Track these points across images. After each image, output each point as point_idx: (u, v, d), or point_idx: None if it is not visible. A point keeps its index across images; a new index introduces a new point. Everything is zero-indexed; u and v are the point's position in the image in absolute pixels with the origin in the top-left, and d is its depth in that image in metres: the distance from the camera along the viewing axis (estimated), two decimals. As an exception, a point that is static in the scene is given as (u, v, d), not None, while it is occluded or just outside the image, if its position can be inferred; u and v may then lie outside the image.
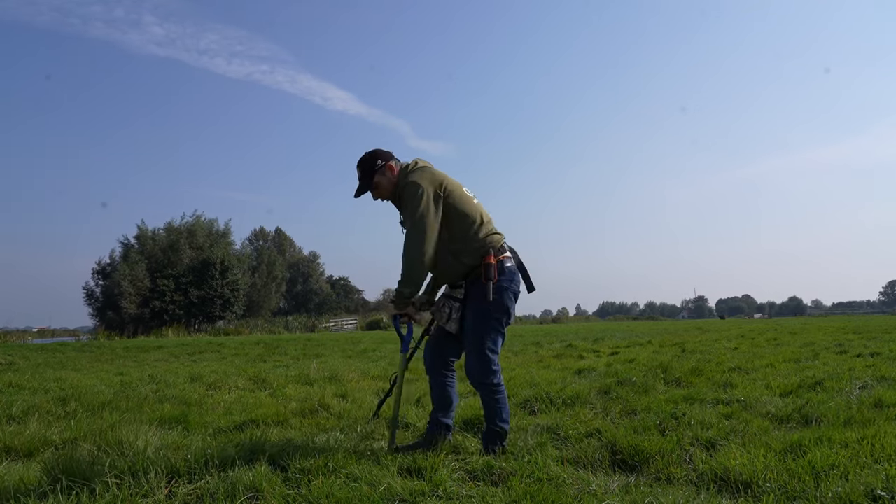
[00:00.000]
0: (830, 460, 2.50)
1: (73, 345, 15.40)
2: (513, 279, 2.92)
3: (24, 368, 8.11)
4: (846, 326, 15.48)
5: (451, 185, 2.93)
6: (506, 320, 2.90)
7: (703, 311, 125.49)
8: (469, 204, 2.93)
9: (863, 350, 7.58)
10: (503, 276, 2.87)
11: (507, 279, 2.89)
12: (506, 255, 2.93)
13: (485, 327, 2.86)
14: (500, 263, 2.88)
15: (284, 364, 8.38)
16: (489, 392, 2.87)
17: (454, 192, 2.91)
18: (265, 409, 4.19)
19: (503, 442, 2.88)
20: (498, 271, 2.85)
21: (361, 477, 2.43)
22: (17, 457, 3.08)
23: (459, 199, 2.91)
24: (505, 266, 2.89)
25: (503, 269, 2.88)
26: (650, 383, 4.82)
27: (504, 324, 2.90)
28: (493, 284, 2.81)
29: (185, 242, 35.04)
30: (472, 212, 2.91)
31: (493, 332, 2.87)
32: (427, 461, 2.62)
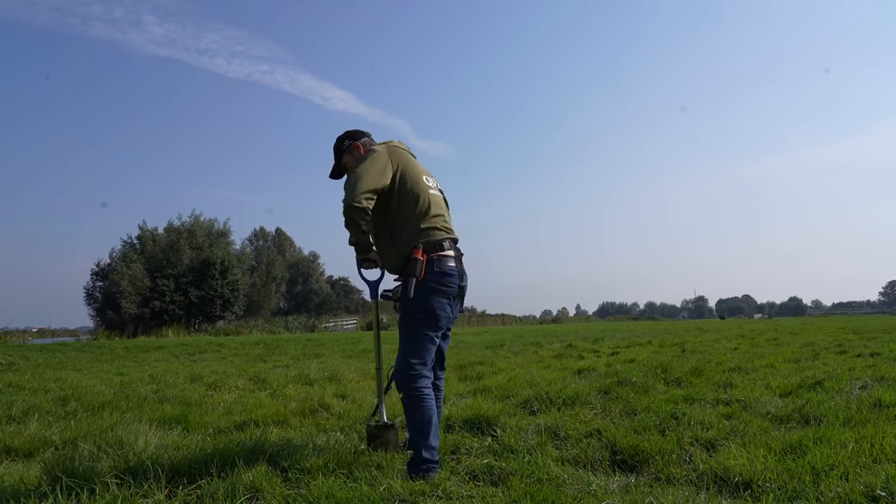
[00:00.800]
0: (830, 460, 2.50)
1: (73, 345, 15.40)
2: (443, 281, 2.66)
3: (24, 368, 8.11)
4: (846, 326, 15.48)
5: (410, 165, 2.79)
6: (430, 323, 2.65)
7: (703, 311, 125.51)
8: (419, 188, 2.74)
9: (863, 350, 7.58)
10: (431, 275, 2.64)
11: (437, 279, 2.65)
12: (445, 253, 2.69)
13: (404, 327, 2.68)
14: (432, 261, 2.65)
15: (284, 364, 8.38)
16: (404, 398, 2.62)
17: (409, 172, 2.75)
18: (265, 409, 4.19)
19: (428, 473, 2.48)
20: (427, 269, 2.64)
21: (361, 477, 2.43)
22: (17, 457, 3.08)
23: (412, 180, 2.74)
24: (440, 265, 2.66)
25: (434, 267, 2.65)
26: (650, 383, 4.82)
27: (428, 327, 2.65)
28: (415, 282, 2.62)
29: (185, 242, 35.03)
30: (420, 197, 2.73)
31: (412, 333, 2.66)
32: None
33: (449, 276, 2.69)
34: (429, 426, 2.57)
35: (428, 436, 2.56)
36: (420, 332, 2.65)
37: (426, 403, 2.59)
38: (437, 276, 2.66)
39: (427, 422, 2.57)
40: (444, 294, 2.68)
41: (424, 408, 2.59)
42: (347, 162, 2.95)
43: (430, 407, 2.60)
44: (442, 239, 2.73)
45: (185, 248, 34.79)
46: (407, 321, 2.67)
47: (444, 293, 2.68)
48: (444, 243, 2.72)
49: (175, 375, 6.70)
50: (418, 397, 2.59)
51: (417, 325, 2.66)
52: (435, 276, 2.65)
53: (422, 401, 2.59)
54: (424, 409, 2.58)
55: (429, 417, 2.58)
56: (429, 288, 2.64)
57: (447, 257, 2.70)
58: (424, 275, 2.64)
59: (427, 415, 2.58)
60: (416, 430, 2.57)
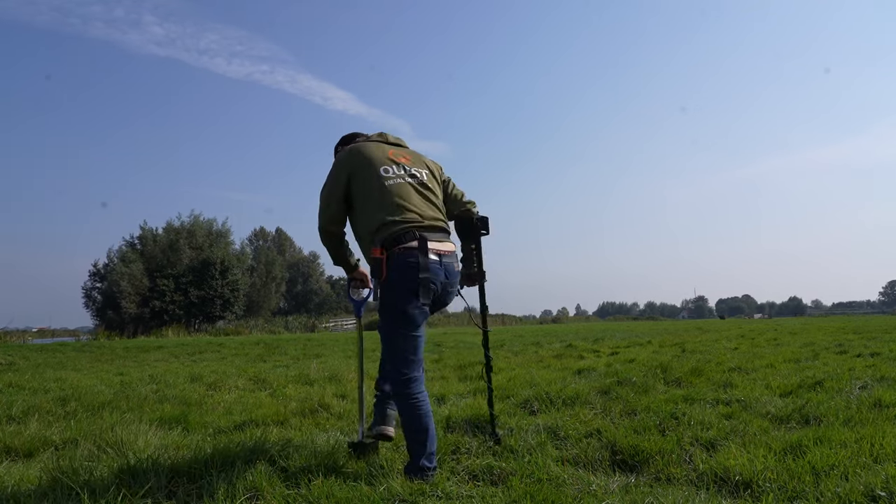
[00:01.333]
0: (830, 460, 2.50)
1: (73, 345, 15.39)
2: (407, 276, 2.47)
3: (24, 368, 8.11)
4: (846, 326, 15.47)
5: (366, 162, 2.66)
6: (404, 323, 2.50)
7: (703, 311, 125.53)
8: (373, 184, 2.61)
9: (863, 350, 7.58)
10: (394, 272, 2.48)
11: (400, 276, 2.48)
12: (406, 245, 2.49)
13: (382, 333, 2.61)
14: (392, 257, 2.49)
15: (284, 364, 8.38)
16: (398, 404, 2.55)
17: (362, 172, 2.64)
18: (265, 409, 4.19)
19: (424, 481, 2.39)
20: (389, 266, 2.49)
21: (361, 477, 2.43)
22: (17, 457, 3.08)
23: (366, 177, 2.63)
24: (401, 259, 2.48)
25: (395, 262, 2.49)
26: (650, 383, 4.82)
27: (403, 328, 2.50)
28: (380, 283, 2.51)
29: (185, 242, 35.05)
30: (374, 193, 2.59)
31: (391, 339, 2.56)
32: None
33: (411, 270, 2.47)
34: (425, 434, 2.48)
35: (425, 445, 2.48)
36: (398, 336, 2.52)
37: (422, 411, 2.50)
38: (399, 273, 2.48)
39: (423, 430, 2.48)
40: (407, 291, 2.48)
41: (420, 416, 2.49)
42: None
43: (426, 414, 2.51)
44: (402, 230, 2.51)
45: (185, 248, 34.80)
46: (383, 326, 2.57)
47: (407, 290, 2.48)
48: (404, 235, 2.51)
49: (175, 375, 6.69)
50: (413, 405, 2.50)
51: (393, 329, 2.53)
52: (397, 271, 2.48)
53: (417, 408, 2.49)
54: (420, 416, 2.49)
55: (424, 426, 2.49)
56: (392, 286, 2.49)
57: (409, 250, 2.49)
58: (386, 273, 2.49)
59: (423, 423, 2.49)
60: (413, 438, 2.50)
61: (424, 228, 2.57)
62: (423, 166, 2.83)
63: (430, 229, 2.59)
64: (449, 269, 2.64)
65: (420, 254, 2.50)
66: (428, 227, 2.59)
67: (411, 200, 2.62)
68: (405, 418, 2.52)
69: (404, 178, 2.68)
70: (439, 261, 2.58)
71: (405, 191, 2.64)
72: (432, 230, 2.61)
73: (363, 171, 2.64)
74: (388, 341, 2.58)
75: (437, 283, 2.56)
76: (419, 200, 2.66)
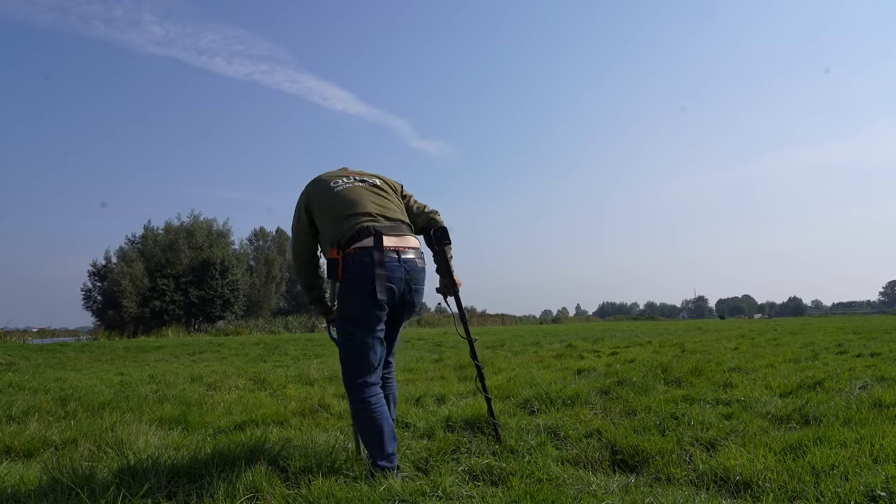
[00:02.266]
0: (830, 460, 2.50)
1: (73, 345, 15.39)
2: (361, 274, 2.40)
3: (24, 368, 8.11)
4: (846, 326, 15.48)
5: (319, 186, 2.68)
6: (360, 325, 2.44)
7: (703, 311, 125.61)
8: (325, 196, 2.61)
9: (863, 350, 7.58)
10: (348, 273, 2.42)
11: (354, 276, 2.41)
12: (360, 244, 2.44)
13: (339, 335, 2.55)
14: (347, 257, 2.44)
15: (284, 364, 8.38)
16: (353, 409, 2.51)
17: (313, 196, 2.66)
18: (265, 409, 4.19)
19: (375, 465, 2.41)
20: (344, 267, 2.43)
21: (361, 477, 2.43)
22: (17, 457, 3.08)
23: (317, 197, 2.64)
24: (355, 258, 2.42)
25: (350, 262, 2.43)
26: (650, 383, 4.82)
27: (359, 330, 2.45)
28: (336, 285, 2.47)
29: (185, 242, 35.06)
30: (327, 202, 2.59)
31: (346, 341, 2.49)
32: (429, 461, 2.62)
33: (366, 269, 2.40)
34: (380, 437, 2.45)
35: (382, 447, 2.45)
36: (353, 338, 2.46)
37: (375, 413, 2.45)
38: (353, 272, 2.41)
39: (378, 433, 2.44)
40: (364, 290, 2.40)
41: (373, 418, 2.44)
42: None
43: (379, 416, 2.45)
44: (356, 230, 2.46)
45: (185, 248, 34.81)
46: (341, 331, 2.51)
47: (364, 290, 2.40)
48: (358, 234, 2.45)
49: (175, 375, 6.70)
50: (365, 408, 2.45)
51: (348, 331, 2.47)
52: (351, 272, 2.42)
53: (370, 411, 2.45)
54: (373, 419, 2.44)
55: (378, 427, 2.44)
56: (348, 287, 2.43)
57: (364, 249, 2.42)
58: (342, 274, 2.43)
59: (376, 425, 2.44)
60: (368, 442, 2.47)
61: (379, 226, 2.50)
62: (375, 177, 2.80)
63: (386, 227, 2.52)
64: (410, 265, 2.53)
65: (375, 251, 2.42)
66: (384, 225, 2.52)
67: (363, 199, 2.59)
68: (359, 422, 2.49)
69: (353, 183, 2.68)
70: (398, 258, 2.49)
71: (356, 192, 2.62)
72: (389, 227, 2.53)
73: (317, 191, 2.67)
74: (342, 344, 2.51)
75: (396, 281, 2.47)
76: (372, 198, 2.63)
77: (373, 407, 2.46)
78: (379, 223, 2.51)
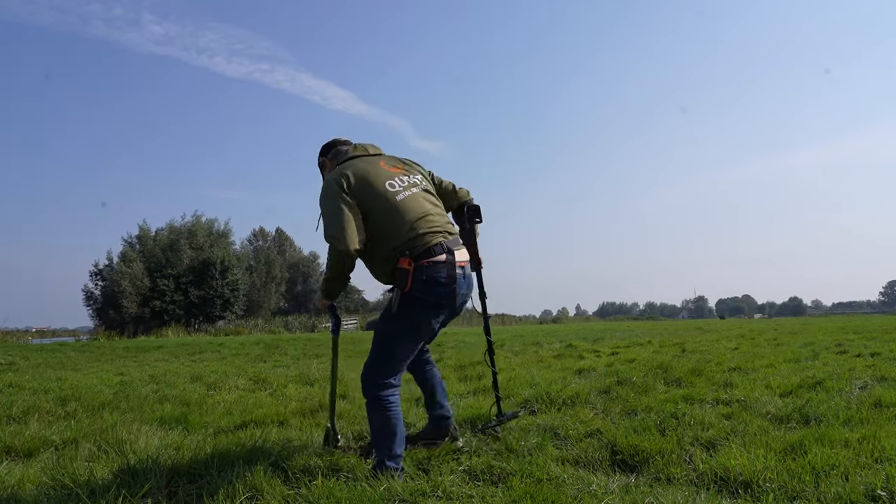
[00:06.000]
0: (830, 460, 2.50)
1: (73, 345, 15.38)
2: (432, 291, 2.45)
3: (24, 368, 8.11)
4: (846, 326, 15.47)
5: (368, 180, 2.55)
6: (411, 336, 2.51)
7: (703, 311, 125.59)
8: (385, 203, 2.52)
9: (863, 350, 7.57)
10: (419, 284, 2.44)
11: (424, 289, 2.44)
12: (435, 259, 2.47)
13: (381, 337, 2.56)
14: (420, 269, 2.45)
15: (284, 364, 8.38)
16: (369, 405, 2.53)
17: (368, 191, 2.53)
18: (265, 409, 4.19)
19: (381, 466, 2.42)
20: (414, 278, 2.44)
21: (361, 477, 2.43)
22: (17, 457, 3.08)
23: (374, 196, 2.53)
24: (429, 273, 2.45)
25: (423, 276, 2.44)
26: (650, 383, 4.82)
27: (408, 340, 2.51)
28: (402, 294, 2.45)
29: (185, 242, 35.09)
30: (389, 211, 2.51)
31: (389, 345, 2.53)
32: (429, 461, 2.62)
33: (439, 286, 2.46)
34: (392, 437, 2.47)
35: (390, 448, 2.47)
36: (398, 345, 2.51)
37: (391, 413, 2.48)
38: (424, 286, 2.44)
39: (391, 433, 2.48)
40: (432, 304, 2.47)
41: (389, 417, 2.47)
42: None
43: (395, 416, 2.49)
44: (431, 244, 2.48)
45: (186, 248, 34.84)
46: (386, 332, 2.53)
47: (432, 304, 2.47)
48: (434, 248, 2.47)
49: (175, 375, 6.70)
50: (384, 407, 2.48)
51: (396, 338, 2.51)
52: (422, 285, 2.44)
53: (387, 410, 2.48)
54: (389, 419, 2.47)
55: (392, 428, 2.48)
56: (415, 298, 2.45)
57: (437, 263, 2.46)
58: (412, 284, 2.44)
59: (391, 424, 2.48)
60: (379, 440, 2.49)
61: (448, 242, 2.54)
62: (417, 172, 2.78)
63: (451, 241, 2.56)
64: (469, 280, 2.65)
65: (448, 267, 2.49)
66: (450, 241, 2.56)
67: (428, 210, 2.59)
68: (374, 420, 2.51)
69: (411, 188, 2.63)
70: (463, 273, 2.57)
71: (418, 202, 2.59)
72: (453, 242, 2.58)
73: (365, 189, 2.53)
74: (385, 345, 2.53)
75: (461, 296, 2.57)
76: (436, 210, 2.64)
77: (391, 406, 2.50)
78: (447, 240, 2.55)
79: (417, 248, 2.47)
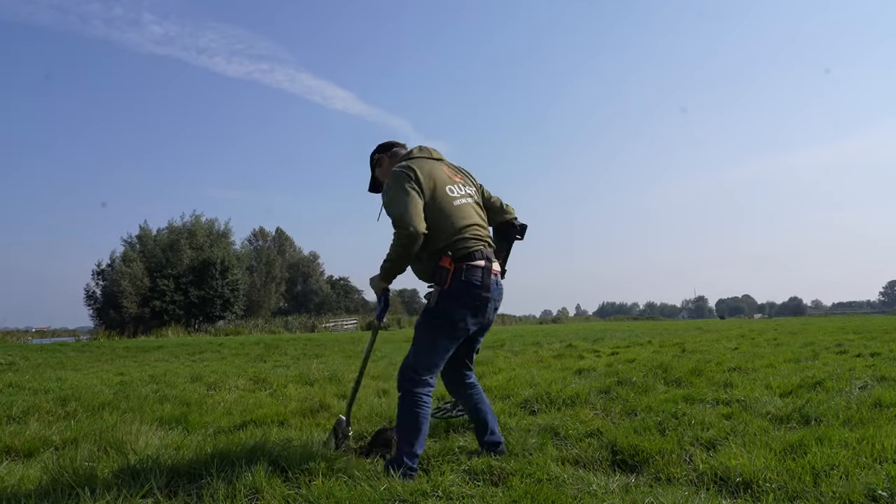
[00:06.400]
0: (830, 460, 2.50)
1: (73, 345, 15.40)
2: (469, 291, 2.60)
3: (24, 368, 8.11)
4: (846, 326, 15.47)
5: (433, 178, 2.72)
6: (447, 331, 2.62)
7: (703, 311, 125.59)
8: (443, 203, 2.68)
9: (863, 350, 7.57)
10: (457, 284, 2.59)
11: (462, 289, 2.59)
12: (474, 263, 2.63)
13: (421, 333, 2.67)
14: (460, 270, 2.60)
15: (284, 364, 8.38)
16: (402, 399, 2.62)
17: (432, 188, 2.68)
18: (265, 409, 4.19)
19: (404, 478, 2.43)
20: (454, 278, 2.59)
21: (361, 477, 2.43)
22: (17, 457, 3.08)
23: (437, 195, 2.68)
24: (467, 275, 2.60)
25: (461, 277, 2.59)
26: (650, 383, 4.82)
27: (445, 336, 2.63)
28: (441, 290, 2.59)
29: (185, 242, 35.10)
30: (444, 211, 2.66)
31: (428, 341, 2.64)
32: (430, 461, 2.62)
33: (475, 287, 2.62)
34: (417, 435, 2.55)
35: (413, 445, 2.54)
36: (436, 341, 2.64)
37: (422, 410, 2.57)
38: (462, 286, 2.60)
39: (417, 429, 2.56)
40: (468, 304, 2.62)
41: (419, 415, 2.57)
42: (378, 175, 3.02)
43: (424, 415, 2.58)
44: (472, 249, 2.66)
45: (186, 248, 34.86)
46: (425, 328, 2.67)
47: (468, 304, 2.62)
48: (474, 253, 2.65)
49: (175, 375, 6.70)
50: (416, 402, 2.58)
51: (434, 333, 2.64)
52: (461, 285, 2.60)
53: (419, 407, 2.57)
54: (419, 415, 2.56)
55: (420, 425, 2.56)
56: (452, 297, 2.60)
57: (476, 268, 2.63)
58: (451, 283, 2.59)
59: (419, 421, 2.56)
60: (404, 436, 2.56)
61: (487, 251, 2.72)
62: (471, 184, 2.94)
63: (489, 252, 2.74)
64: (501, 289, 2.79)
65: (484, 273, 2.65)
66: (489, 251, 2.73)
67: (475, 220, 2.77)
68: (403, 414, 2.59)
69: (466, 197, 2.81)
70: (496, 281, 2.72)
71: (469, 211, 2.77)
72: (491, 252, 2.76)
73: (436, 187, 2.71)
74: (424, 340, 2.66)
75: (493, 301, 2.71)
76: (479, 220, 2.81)
77: (423, 404, 2.60)
78: (487, 249, 2.73)
79: (460, 251, 2.63)
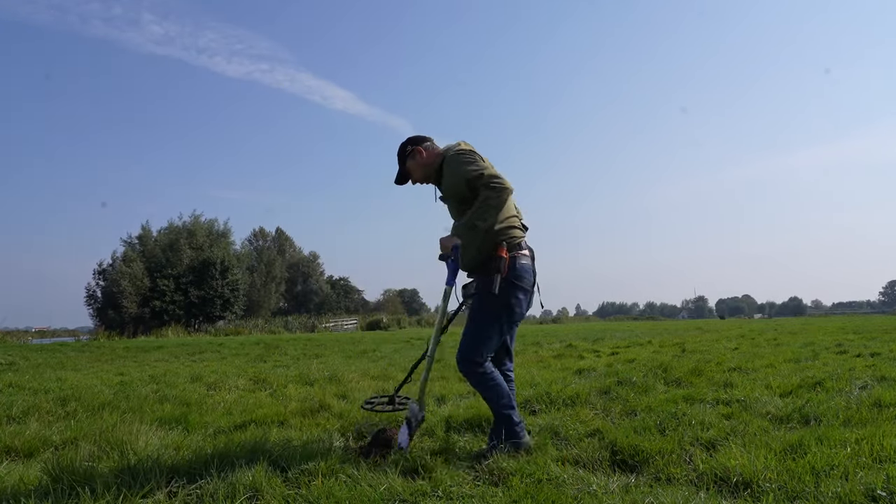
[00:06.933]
0: (831, 460, 2.50)
1: (73, 345, 15.39)
2: (522, 277, 2.85)
3: (24, 368, 8.11)
4: (846, 326, 15.47)
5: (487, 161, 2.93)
6: (506, 317, 2.85)
7: (703, 311, 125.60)
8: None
9: (863, 350, 7.57)
10: (513, 272, 2.82)
11: (517, 276, 2.84)
12: (523, 252, 2.89)
13: (480, 321, 2.84)
14: (513, 259, 2.84)
15: (284, 364, 8.38)
16: (474, 379, 2.83)
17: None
18: (265, 409, 4.19)
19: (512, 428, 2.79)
20: (509, 267, 2.81)
21: (362, 477, 2.43)
22: (17, 457, 3.08)
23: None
24: (518, 263, 2.84)
25: (515, 265, 2.83)
26: (650, 383, 4.82)
27: (503, 320, 2.85)
28: (500, 278, 2.78)
29: (185, 242, 35.09)
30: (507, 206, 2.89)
31: (487, 327, 2.83)
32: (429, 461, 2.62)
33: (527, 273, 2.87)
34: (510, 400, 2.84)
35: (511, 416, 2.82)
36: (495, 327, 2.84)
37: (497, 380, 2.84)
38: (517, 273, 2.83)
39: (505, 394, 2.83)
40: (523, 290, 2.86)
41: (497, 384, 2.83)
42: (410, 167, 3.07)
43: (502, 382, 2.85)
44: (520, 239, 2.91)
45: (186, 248, 34.85)
46: (484, 315, 2.84)
47: (523, 289, 2.86)
48: (522, 242, 2.91)
49: (175, 375, 6.70)
50: (491, 378, 2.83)
51: (494, 320, 2.83)
52: (516, 272, 2.83)
53: (492, 379, 2.83)
54: (497, 385, 2.83)
55: (504, 390, 2.84)
56: (511, 284, 2.82)
57: (525, 255, 2.89)
58: (511, 272, 2.81)
59: (502, 388, 2.83)
60: (496, 402, 2.81)
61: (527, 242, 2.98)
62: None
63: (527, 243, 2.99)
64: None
65: (531, 261, 2.94)
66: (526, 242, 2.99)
67: (519, 213, 3.04)
68: (487, 393, 2.82)
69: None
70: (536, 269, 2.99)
71: (512, 202, 2.98)
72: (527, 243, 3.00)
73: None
74: (483, 329, 2.83)
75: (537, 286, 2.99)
76: (518, 211, 3.04)
77: (495, 376, 2.86)
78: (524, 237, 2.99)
79: (514, 240, 2.87)
